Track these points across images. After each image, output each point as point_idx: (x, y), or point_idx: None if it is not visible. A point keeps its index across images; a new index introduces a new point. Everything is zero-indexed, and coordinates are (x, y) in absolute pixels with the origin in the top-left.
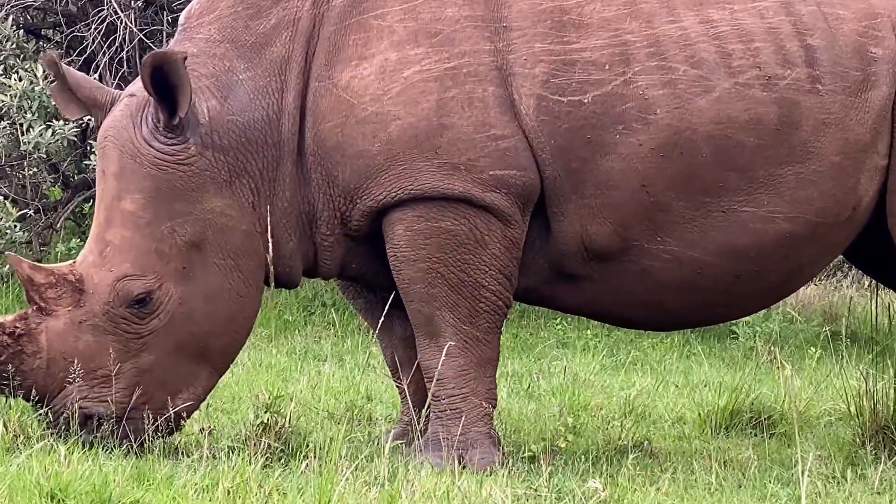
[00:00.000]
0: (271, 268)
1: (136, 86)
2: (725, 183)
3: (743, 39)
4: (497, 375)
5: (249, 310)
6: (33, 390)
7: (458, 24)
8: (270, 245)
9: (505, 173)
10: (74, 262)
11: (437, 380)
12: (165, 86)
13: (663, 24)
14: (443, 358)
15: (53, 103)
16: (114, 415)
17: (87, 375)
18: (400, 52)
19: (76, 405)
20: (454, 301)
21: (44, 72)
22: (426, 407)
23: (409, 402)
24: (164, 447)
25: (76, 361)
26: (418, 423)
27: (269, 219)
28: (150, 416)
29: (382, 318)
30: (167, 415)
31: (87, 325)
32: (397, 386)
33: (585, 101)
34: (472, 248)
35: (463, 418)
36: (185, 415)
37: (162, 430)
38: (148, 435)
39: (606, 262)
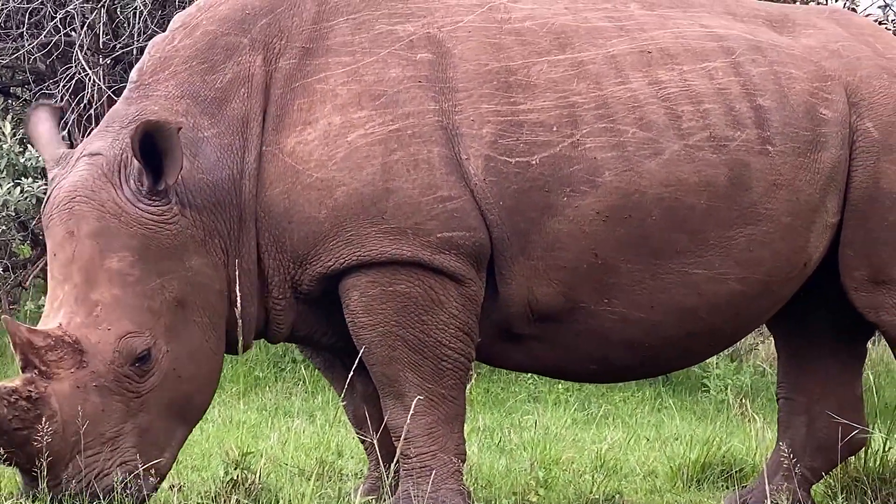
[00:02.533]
0: (239, 328)
1: (96, 145)
2: (676, 246)
3: (692, 101)
4: (468, 430)
5: (219, 368)
6: (49, 456)
7: (401, 85)
8: (240, 305)
9: (454, 234)
10: (61, 325)
11: (406, 438)
12: (153, 152)
13: (611, 86)
14: (409, 416)
15: (22, 161)
16: (129, 477)
17: (96, 440)
18: (343, 116)
19: (96, 474)
20: (416, 361)
21: (12, 129)
22: (394, 462)
23: (378, 457)
24: None
25: (86, 424)
26: (387, 479)
27: (237, 279)
28: (143, 475)
29: (348, 380)
30: (157, 473)
31: (93, 387)
32: (362, 441)
33: (533, 162)
34: (429, 308)
35: (433, 475)
36: (165, 473)
37: (151, 489)
38: (145, 494)
39: (552, 322)
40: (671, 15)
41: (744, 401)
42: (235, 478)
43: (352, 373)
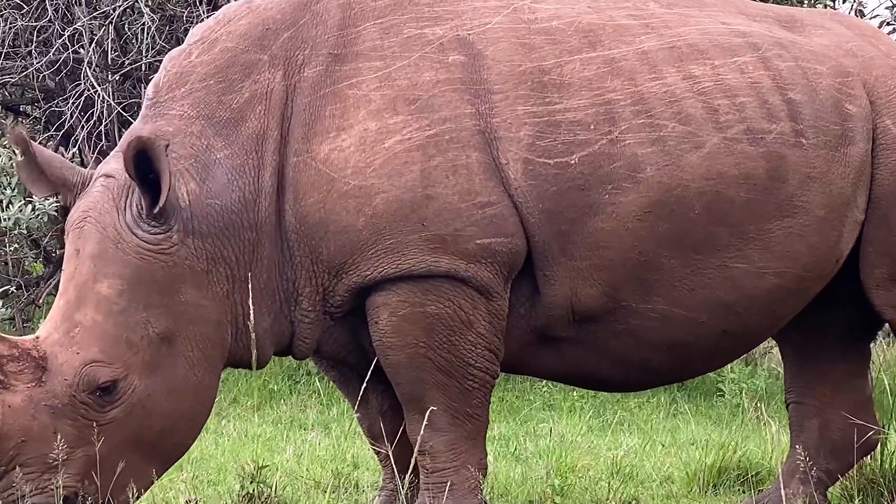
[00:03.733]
0: (254, 352)
1: (111, 166)
2: (716, 239)
3: (727, 94)
4: None
5: (211, 400)
6: None
7: (436, 89)
8: (253, 320)
9: (492, 241)
10: (38, 337)
11: (428, 453)
12: (148, 171)
13: (646, 82)
14: (432, 432)
15: None
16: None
17: (38, 459)
18: (379, 122)
19: (24, 492)
20: (442, 381)
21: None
22: (409, 472)
23: (393, 469)
24: None
25: (28, 442)
26: (403, 490)
27: (251, 305)
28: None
29: (360, 395)
30: None
31: (45, 406)
32: (377, 453)
33: (572, 161)
34: (458, 329)
35: (454, 491)
36: None
37: None
38: None
39: (592, 323)
40: (691, 13)
41: (759, 404)
42: (251, 491)
43: (365, 384)
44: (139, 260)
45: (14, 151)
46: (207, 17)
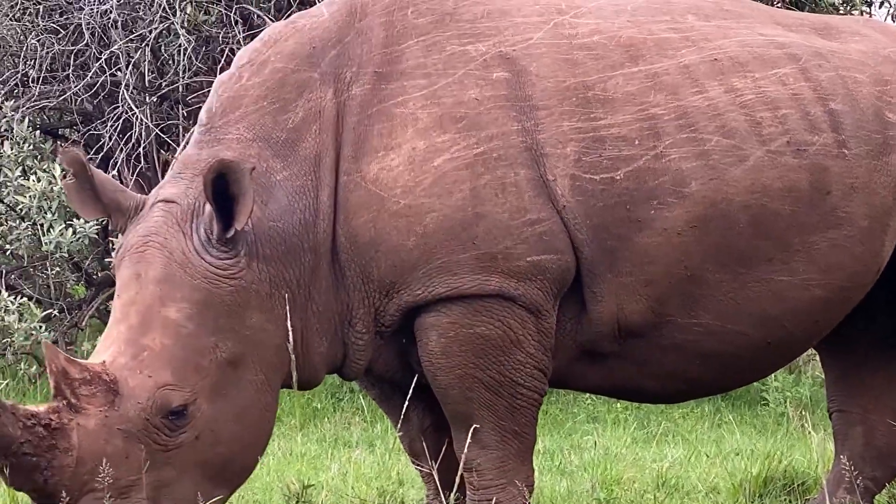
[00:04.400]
0: (294, 374)
1: (170, 191)
2: (761, 253)
3: (769, 107)
4: None
5: (272, 423)
6: (56, 489)
7: (482, 106)
8: (291, 340)
9: (542, 258)
10: (105, 362)
11: (476, 471)
12: (224, 195)
13: (689, 95)
14: (480, 450)
15: None
16: None
17: (110, 485)
18: (427, 141)
19: None
20: (491, 400)
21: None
22: (454, 489)
23: (437, 486)
24: None
25: (103, 466)
26: None
27: (300, 329)
28: None
29: (403, 412)
30: None
31: (119, 430)
32: (418, 468)
33: (618, 177)
34: (507, 349)
35: None
36: None
37: None
38: None
39: (637, 338)
40: (729, 25)
41: (803, 413)
42: None
43: (407, 403)
44: (208, 284)
45: (64, 173)
46: (243, 37)
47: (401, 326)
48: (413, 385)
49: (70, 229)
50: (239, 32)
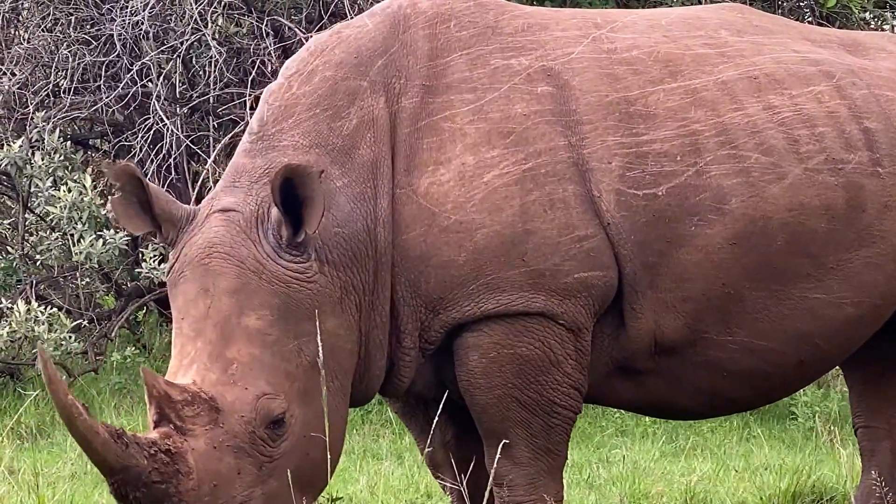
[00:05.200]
0: (324, 390)
1: (227, 200)
2: (798, 270)
3: (806, 125)
4: None
5: (345, 430)
6: None
7: (529, 121)
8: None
9: (589, 275)
10: (195, 381)
11: (507, 486)
12: (293, 199)
13: (728, 112)
14: (512, 466)
15: (104, 213)
16: None
17: (228, 502)
18: (476, 156)
19: None
20: (527, 419)
21: (93, 182)
22: (485, 502)
23: (464, 498)
24: None
25: (219, 485)
26: None
27: (365, 338)
28: None
29: (432, 431)
30: None
31: (228, 447)
32: (440, 481)
33: (660, 193)
34: (546, 369)
35: None
36: None
37: None
38: None
39: (672, 355)
40: (762, 41)
41: (832, 428)
42: None
43: (436, 420)
44: (287, 288)
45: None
46: (274, 49)
47: (442, 345)
48: (443, 402)
49: (100, 240)
50: (270, 45)
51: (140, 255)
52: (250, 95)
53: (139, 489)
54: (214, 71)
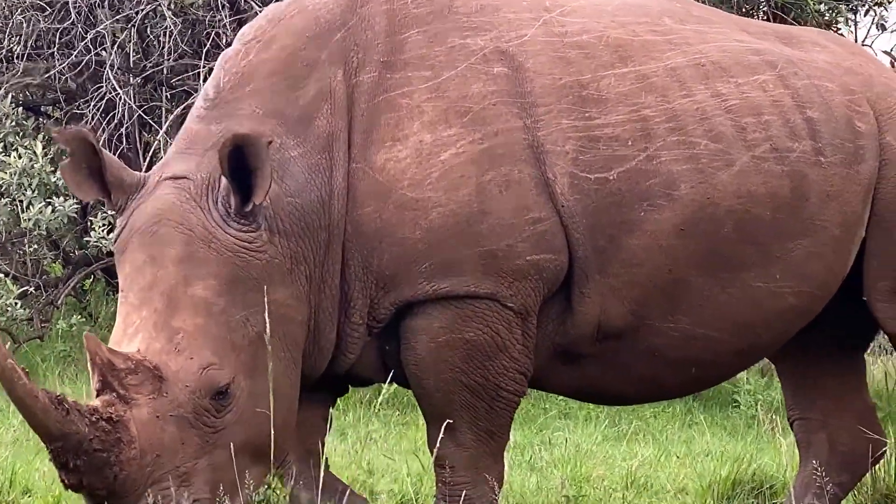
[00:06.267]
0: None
1: (179, 167)
2: (743, 258)
3: (753, 113)
4: None
5: (296, 405)
6: (125, 484)
7: (486, 101)
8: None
9: (542, 258)
10: (140, 350)
11: (450, 467)
12: (242, 169)
13: (678, 98)
14: (455, 447)
15: (53, 180)
16: None
17: (171, 472)
18: (434, 134)
19: None
20: (472, 402)
21: (43, 149)
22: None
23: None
24: None
25: (162, 455)
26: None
27: (315, 310)
28: None
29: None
30: None
31: (171, 417)
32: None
33: (611, 177)
34: (493, 354)
35: (469, 503)
36: None
37: None
38: None
39: (614, 341)
40: (704, 30)
41: (774, 416)
42: (266, 497)
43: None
44: (235, 258)
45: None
46: (229, 21)
47: (388, 325)
48: (388, 383)
49: (49, 207)
50: (225, 17)
51: (89, 224)
52: (204, 67)
53: (80, 457)
54: (169, 41)
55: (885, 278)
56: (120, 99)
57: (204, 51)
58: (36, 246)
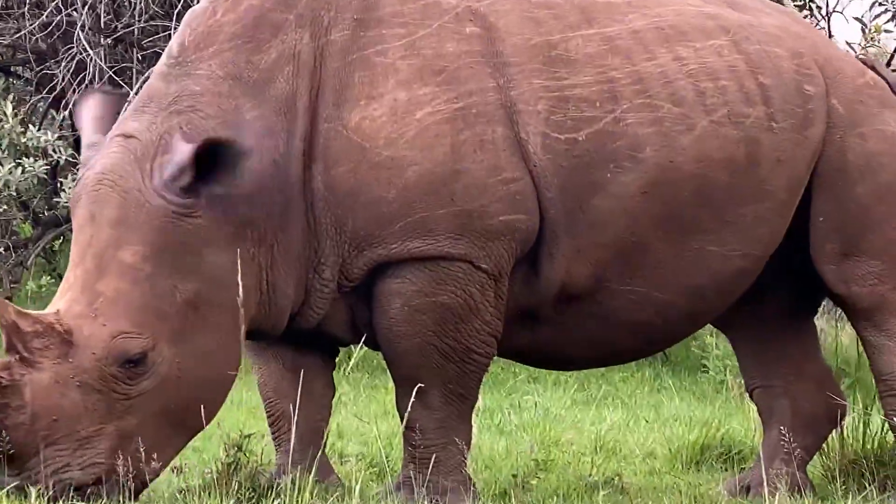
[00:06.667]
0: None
1: (131, 125)
2: (699, 223)
3: (711, 77)
4: None
5: (237, 366)
6: (12, 448)
7: (460, 60)
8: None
9: (514, 218)
10: (59, 311)
11: (420, 430)
12: (210, 161)
13: (642, 61)
14: (424, 410)
15: (24, 140)
16: (92, 482)
17: (69, 436)
18: (409, 93)
19: (56, 470)
20: (443, 365)
21: (13, 109)
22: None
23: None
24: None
25: (60, 420)
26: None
27: (266, 270)
28: (122, 479)
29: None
30: (138, 479)
31: (75, 382)
32: (272, 414)
33: (580, 138)
34: (465, 317)
35: (439, 465)
36: (149, 479)
37: (130, 495)
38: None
39: (571, 302)
40: None
41: (742, 382)
42: (236, 459)
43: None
44: (167, 224)
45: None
46: None
47: (360, 285)
48: (359, 348)
49: (19, 168)
50: None
51: (59, 185)
52: (175, 28)
53: None
54: (140, 2)
55: (831, 241)
56: (91, 60)
57: (175, 12)
58: (5, 206)
